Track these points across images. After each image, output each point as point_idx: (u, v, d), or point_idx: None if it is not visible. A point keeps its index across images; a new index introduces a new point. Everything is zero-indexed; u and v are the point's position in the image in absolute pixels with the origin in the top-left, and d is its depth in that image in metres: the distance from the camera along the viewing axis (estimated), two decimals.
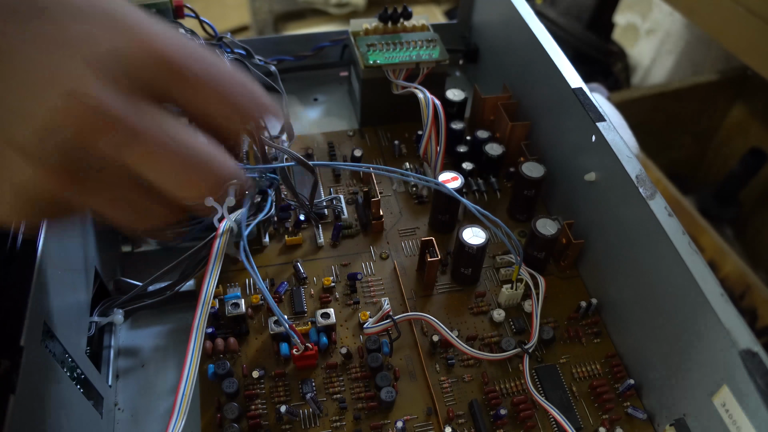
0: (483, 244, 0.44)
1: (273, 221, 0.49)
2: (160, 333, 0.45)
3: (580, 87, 0.47)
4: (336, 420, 0.40)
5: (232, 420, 0.38)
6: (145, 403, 0.41)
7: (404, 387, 0.42)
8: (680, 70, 1.35)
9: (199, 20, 0.51)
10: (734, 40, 0.97)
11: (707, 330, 0.34)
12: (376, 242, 0.50)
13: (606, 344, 0.45)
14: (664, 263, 0.38)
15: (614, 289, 0.45)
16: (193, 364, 0.38)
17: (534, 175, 0.49)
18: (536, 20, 0.53)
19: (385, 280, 0.48)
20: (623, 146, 0.42)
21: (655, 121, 1.19)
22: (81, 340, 0.37)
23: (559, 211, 0.52)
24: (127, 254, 0.49)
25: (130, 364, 0.43)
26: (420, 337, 0.44)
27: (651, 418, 0.41)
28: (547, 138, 0.52)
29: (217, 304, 0.44)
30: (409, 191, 0.54)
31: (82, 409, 0.35)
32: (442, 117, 0.51)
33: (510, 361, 0.44)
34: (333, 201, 0.52)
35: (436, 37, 0.57)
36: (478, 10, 0.64)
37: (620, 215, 0.43)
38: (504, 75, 0.59)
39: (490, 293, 0.47)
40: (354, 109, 0.63)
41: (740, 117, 1.22)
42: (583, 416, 0.41)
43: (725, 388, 0.33)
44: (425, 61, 0.55)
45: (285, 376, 0.42)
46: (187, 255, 0.42)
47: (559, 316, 0.46)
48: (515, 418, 0.41)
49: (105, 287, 0.43)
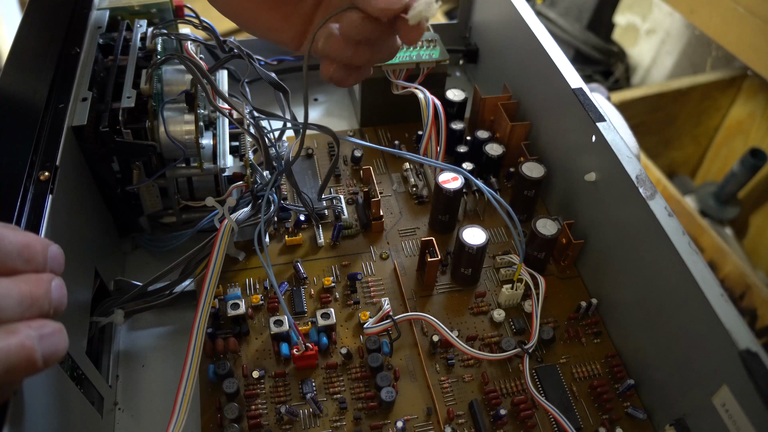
0: (483, 244, 0.44)
1: (273, 221, 0.49)
2: (160, 333, 0.45)
3: (580, 87, 0.47)
4: (336, 420, 0.40)
5: (232, 420, 0.38)
6: (145, 403, 0.41)
7: (404, 387, 0.42)
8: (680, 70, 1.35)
9: (199, 20, 0.51)
10: (734, 40, 0.97)
11: (707, 330, 0.34)
12: (376, 242, 0.50)
13: (606, 344, 0.45)
14: (664, 263, 0.38)
15: (614, 289, 0.45)
16: (194, 364, 0.38)
17: (534, 175, 0.49)
18: (536, 20, 0.53)
19: (385, 280, 0.48)
20: (623, 146, 0.42)
21: (655, 121, 1.19)
22: (81, 340, 0.37)
23: (559, 211, 0.52)
24: (127, 254, 0.49)
25: (130, 364, 0.43)
26: (420, 337, 0.44)
27: (651, 418, 0.41)
28: (547, 138, 0.52)
29: (218, 304, 0.44)
30: (409, 191, 0.54)
31: (82, 409, 0.35)
32: (442, 117, 0.51)
33: (510, 361, 0.44)
34: (333, 201, 0.52)
35: (436, 37, 0.57)
36: (478, 10, 0.64)
37: (620, 215, 0.43)
38: (504, 75, 0.59)
39: (490, 293, 0.47)
40: (354, 109, 0.63)
41: (740, 117, 1.22)
42: (583, 416, 0.41)
43: (725, 388, 0.33)
44: (425, 61, 0.55)
45: (285, 376, 0.42)
46: (187, 255, 0.42)
47: (559, 316, 0.46)
48: (515, 418, 0.41)
49: (105, 287, 0.43)
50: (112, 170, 0.43)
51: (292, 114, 0.51)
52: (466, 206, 0.53)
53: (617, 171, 0.42)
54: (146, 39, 0.47)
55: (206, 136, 0.46)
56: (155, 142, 0.43)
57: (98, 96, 0.42)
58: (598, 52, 1.42)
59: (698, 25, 1.05)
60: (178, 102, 0.44)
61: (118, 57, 0.45)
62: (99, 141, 0.41)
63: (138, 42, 0.46)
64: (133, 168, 0.44)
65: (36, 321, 0.25)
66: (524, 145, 0.53)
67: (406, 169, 0.55)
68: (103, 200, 0.45)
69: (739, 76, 1.18)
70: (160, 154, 0.44)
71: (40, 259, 0.27)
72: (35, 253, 0.27)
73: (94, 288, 0.41)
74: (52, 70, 0.40)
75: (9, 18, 1.36)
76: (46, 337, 0.24)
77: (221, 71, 0.51)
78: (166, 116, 0.43)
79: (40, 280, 0.26)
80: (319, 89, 0.66)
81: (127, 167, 0.44)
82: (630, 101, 1.14)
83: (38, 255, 0.27)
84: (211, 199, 0.43)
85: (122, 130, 0.41)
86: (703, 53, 1.30)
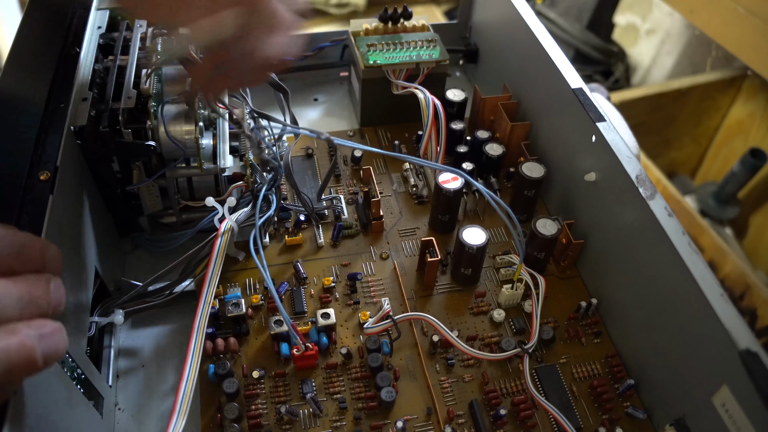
0: (483, 244, 0.44)
1: (273, 221, 0.49)
2: (160, 333, 0.45)
3: (580, 87, 0.47)
4: (336, 420, 0.40)
5: (232, 420, 0.38)
6: (145, 403, 0.41)
7: (404, 387, 0.42)
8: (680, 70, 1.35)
9: None
10: (734, 40, 0.97)
11: (707, 330, 0.34)
12: (376, 242, 0.50)
13: (606, 344, 0.45)
14: (664, 263, 0.38)
15: (614, 289, 0.45)
16: (194, 364, 0.38)
17: (534, 175, 0.49)
18: (536, 20, 0.53)
19: (385, 280, 0.48)
20: (623, 146, 0.42)
21: (655, 121, 1.19)
22: (81, 340, 0.37)
23: (559, 211, 0.52)
24: (127, 254, 0.49)
25: (130, 364, 0.43)
26: (420, 337, 0.44)
27: (651, 418, 0.41)
28: (547, 138, 0.52)
29: (218, 304, 0.44)
30: (409, 191, 0.54)
31: (82, 409, 0.35)
32: (442, 117, 0.51)
33: (510, 361, 0.44)
34: (333, 201, 0.52)
35: (436, 37, 0.57)
36: (478, 10, 0.64)
37: (620, 215, 0.43)
38: (504, 75, 0.59)
39: (490, 293, 0.47)
40: (354, 109, 0.63)
41: (740, 117, 1.22)
42: (583, 416, 0.41)
43: (725, 388, 0.33)
44: (425, 61, 0.55)
45: (285, 376, 0.42)
46: (187, 255, 0.42)
47: (559, 316, 0.46)
48: (515, 418, 0.41)
49: (105, 287, 0.43)
50: (112, 170, 0.43)
51: (291, 115, 0.51)
52: (466, 206, 0.53)
53: (617, 171, 0.42)
54: (146, 39, 0.47)
55: (206, 136, 0.46)
56: (155, 142, 0.43)
57: (98, 96, 0.42)
58: (598, 52, 1.42)
59: (698, 25, 1.05)
60: (178, 102, 0.44)
61: (118, 57, 0.45)
62: (99, 141, 0.41)
63: (138, 42, 0.46)
64: (133, 168, 0.44)
65: (35, 321, 0.25)
66: (524, 145, 0.53)
67: (406, 169, 0.55)
68: (103, 200, 0.45)
69: (739, 76, 1.18)
70: (160, 154, 0.44)
71: (38, 260, 0.27)
72: (33, 254, 0.27)
73: (94, 288, 0.41)
74: (52, 70, 0.40)
75: (9, 18, 1.36)
76: (46, 337, 0.25)
77: None
78: (166, 116, 0.43)
79: (38, 281, 0.26)
80: (319, 89, 0.66)
81: (127, 167, 0.44)
82: (630, 101, 1.14)
83: (36, 256, 0.27)
84: (211, 199, 0.43)
85: (122, 130, 0.41)
86: (703, 53, 1.30)
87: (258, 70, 0.37)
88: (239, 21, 0.33)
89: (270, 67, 0.38)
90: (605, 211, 0.45)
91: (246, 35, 0.34)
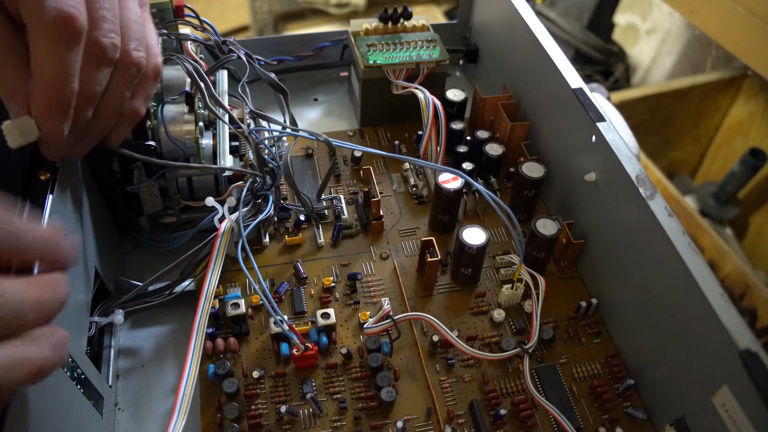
0: (483, 244, 0.44)
1: (273, 221, 0.49)
2: (160, 333, 0.45)
3: (580, 87, 0.47)
4: (336, 420, 0.40)
5: (232, 420, 0.38)
6: (145, 403, 0.41)
7: (404, 387, 0.42)
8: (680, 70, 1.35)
9: (199, 20, 0.51)
10: (734, 40, 0.97)
11: (707, 330, 0.34)
12: (376, 242, 0.50)
13: (606, 344, 0.45)
14: (664, 263, 0.38)
15: (614, 289, 0.45)
16: (194, 364, 0.38)
17: (534, 175, 0.49)
18: (536, 20, 0.53)
19: (385, 280, 0.48)
20: (623, 146, 0.42)
21: (655, 121, 1.19)
22: (81, 340, 0.37)
23: (559, 211, 0.52)
24: (127, 254, 0.49)
25: (130, 364, 0.43)
26: (420, 337, 0.44)
27: (651, 418, 0.41)
28: (547, 138, 0.52)
29: (218, 304, 0.44)
30: (409, 191, 0.54)
31: (82, 409, 0.35)
32: (442, 117, 0.51)
33: (510, 361, 0.44)
34: (333, 201, 0.52)
35: (436, 37, 0.57)
36: (478, 10, 0.64)
37: (620, 215, 0.43)
38: (504, 75, 0.59)
39: (490, 293, 0.47)
40: (354, 109, 0.63)
41: (740, 117, 1.22)
42: (583, 416, 0.41)
43: (725, 388, 0.33)
44: (425, 61, 0.55)
45: (285, 376, 0.42)
46: (187, 255, 0.42)
47: (559, 316, 0.46)
48: (515, 418, 0.41)
49: (105, 287, 0.43)
50: (112, 170, 0.43)
51: (291, 115, 0.51)
52: (466, 206, 0.53)
53: (617, 171, 0.42)
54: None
55: (206, 136, 0.46)
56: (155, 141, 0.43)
57: None
58: (598, 52, 1.42)
59: (698, 25, 1.05)
60: (178, 102, 0.44)
61: None
62: None
63: None
64: (133, 168, 0.44)
65: (48, 328, 0.25)
66: (524, 145, 0.53)
67: (406, 169, 0.55)
68: (103, 200, 0.45)
69: (739, 76, 1.18)
70: (160, 154, 0.44)
71: (52, 256, 0.27)
72: (55, 249, 0.26)
73: (94, 288, 0.41)
74: None
75: None
76: (58, 347, 0.25)
77: (221, 71, 0.51)
78: (166, 116, 0.43)
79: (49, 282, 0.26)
80: (319, 89, 0.66)
81: (127, 167, 0.44)
82: (630, 101, 1.14)
83: (52, 252, 0.27)
84: (211, 199, 0.43)
85: None
86: (703, 53, 1.30)
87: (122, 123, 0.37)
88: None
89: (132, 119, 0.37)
90: (605, 211, 0.45)
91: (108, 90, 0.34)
